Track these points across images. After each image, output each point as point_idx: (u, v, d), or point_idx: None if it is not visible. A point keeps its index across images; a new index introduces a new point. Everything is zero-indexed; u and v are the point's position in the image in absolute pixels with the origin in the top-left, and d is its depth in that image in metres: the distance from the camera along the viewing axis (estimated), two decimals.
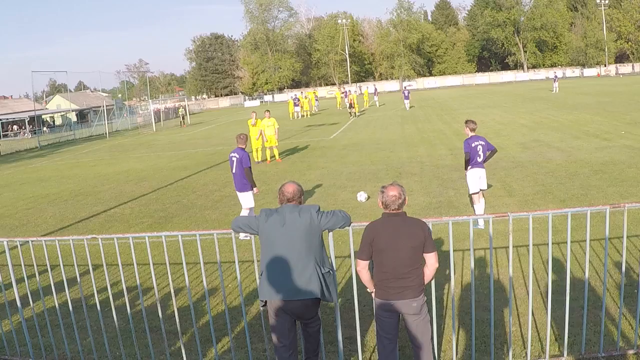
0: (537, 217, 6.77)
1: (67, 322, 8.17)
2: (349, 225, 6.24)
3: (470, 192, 12.73)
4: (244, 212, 13.22)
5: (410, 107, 55.73)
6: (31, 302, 7.97)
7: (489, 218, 6.45)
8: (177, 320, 7.09)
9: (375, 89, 74.25)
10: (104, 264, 7.29)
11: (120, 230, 15.17)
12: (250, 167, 13.11)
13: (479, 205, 12.60)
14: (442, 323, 7.59)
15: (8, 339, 8.22)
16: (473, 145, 12.22)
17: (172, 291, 7.15)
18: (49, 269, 7.68)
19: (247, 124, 27.72)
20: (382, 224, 5.77)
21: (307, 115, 59.18)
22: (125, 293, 7.25)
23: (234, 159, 13.16)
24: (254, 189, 13.28)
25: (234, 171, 13.22)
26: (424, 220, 5.94)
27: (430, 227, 5.91)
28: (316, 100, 69.19)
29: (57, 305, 7.76)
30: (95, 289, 7.58)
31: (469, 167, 12.38)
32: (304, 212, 6.01)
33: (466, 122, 12.63)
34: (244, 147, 13.32)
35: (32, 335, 8.17)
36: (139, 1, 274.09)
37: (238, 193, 13.36)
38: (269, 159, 26.45)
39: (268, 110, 27.31)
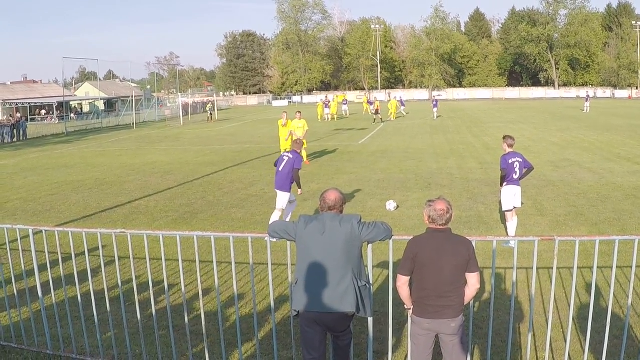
0: (566, 240, 6.58)
1: (88, 314, 7.94)
2: (390, 239, 6.03)
3: (504, 209, 12.46)
4: (277, 213, 13.29)
5: (437, 117, 55.73)
6: (52, 291, 7.78)
7: (534, 240, 6.21)
8: (203, 320, 6.90)
9: (401, 99, 73.10)
10: (132, 259, 7.16)
11: (145, 224, 15.08)
12: (299, 169, 13.27)
13: (512, 223, 12.33)
14: (473, 344, 7.37)
15: (26, 328, 8.03)
16: (510, 161, 11.98)
17: (200, 291, 6.98)
18: (73, 258, 7.52)
19: (278, 124, 27.57)
20: (427, 240, 5.56)
21: (330, 118, 59.04)
22: (151, 289, 7.07)
23: (286, 158, 13.35)
24: (299, 190, 13.64)
25: (280, 169, 13.29)
26: (468, 238, 5.72)
27: (474, 246, 5.68)
28: (345, 104, 68.90)
29: (79, 295, 7.57)
30: (120, 283, 7.41)
31: (504, 184, 12.13)
32: (345, 221, 5.80)
33: (504, 137, 12.40)
34: (298, 151, 13.62)
35: (50, 325, 7.98)
36: None
37: (277, 191, 13.45)
38: None
39: (299, 112, 27.01)
